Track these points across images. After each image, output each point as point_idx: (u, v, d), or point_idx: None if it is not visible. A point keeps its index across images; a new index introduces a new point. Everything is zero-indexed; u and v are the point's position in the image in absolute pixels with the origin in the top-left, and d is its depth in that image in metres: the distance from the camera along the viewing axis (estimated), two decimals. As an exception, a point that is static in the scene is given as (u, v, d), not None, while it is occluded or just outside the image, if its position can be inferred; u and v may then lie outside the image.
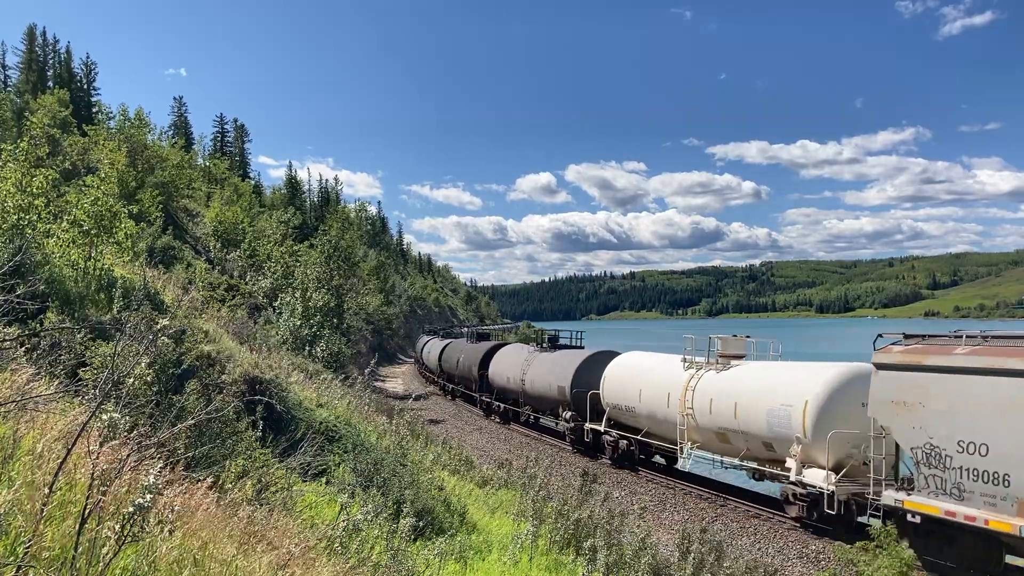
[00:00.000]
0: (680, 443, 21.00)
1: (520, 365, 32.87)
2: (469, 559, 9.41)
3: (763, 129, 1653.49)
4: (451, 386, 46.17)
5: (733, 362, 20.59)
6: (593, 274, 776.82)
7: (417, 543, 9.37)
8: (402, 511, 9.66)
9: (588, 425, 26.03)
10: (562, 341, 36.07)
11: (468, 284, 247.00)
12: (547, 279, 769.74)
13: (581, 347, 34.40)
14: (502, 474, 18.16)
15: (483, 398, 38.25)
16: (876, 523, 13.31)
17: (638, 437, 23.44)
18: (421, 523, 10.07)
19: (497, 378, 35.90)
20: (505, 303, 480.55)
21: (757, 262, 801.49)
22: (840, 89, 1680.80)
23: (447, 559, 8.88)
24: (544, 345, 34.39)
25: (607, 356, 27.18)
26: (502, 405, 35.75)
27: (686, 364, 21.94)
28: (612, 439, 24.58)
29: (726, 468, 20.69)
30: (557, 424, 29.57)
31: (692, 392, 20.58)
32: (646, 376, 23.60)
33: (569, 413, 27.42)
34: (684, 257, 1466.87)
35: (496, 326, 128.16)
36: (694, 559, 11.25)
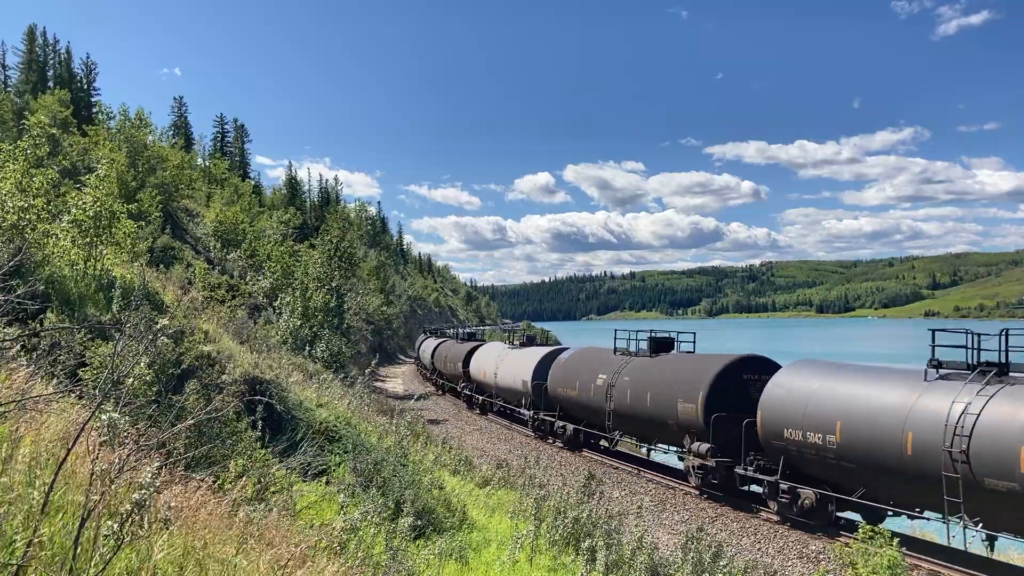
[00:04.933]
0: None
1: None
2: (469, 559, 9.42)
3: (761, 129, 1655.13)
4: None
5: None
6: (593, 274, 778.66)
7: (417, 543, 9.38)
8: (402, 511, 9.66)
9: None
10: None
11: (468, 284, 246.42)
12: (547, 279, 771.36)
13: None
14: (502, 474, 18.17)
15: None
16: (863, 524, 13.36)
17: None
18: (421, 523, 10.07)
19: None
20: (505, 303, 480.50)
21: (757, 262, 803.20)
22: (837, 89, 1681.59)
23: (447, 559, 8.89)
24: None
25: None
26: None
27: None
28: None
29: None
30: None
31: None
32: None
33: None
34: (684, 257, 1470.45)
35: (494, 327, 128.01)
36: (692, 558, 11.24)
